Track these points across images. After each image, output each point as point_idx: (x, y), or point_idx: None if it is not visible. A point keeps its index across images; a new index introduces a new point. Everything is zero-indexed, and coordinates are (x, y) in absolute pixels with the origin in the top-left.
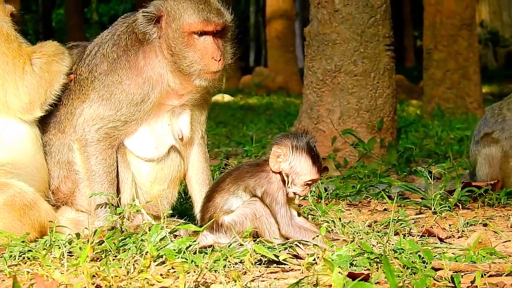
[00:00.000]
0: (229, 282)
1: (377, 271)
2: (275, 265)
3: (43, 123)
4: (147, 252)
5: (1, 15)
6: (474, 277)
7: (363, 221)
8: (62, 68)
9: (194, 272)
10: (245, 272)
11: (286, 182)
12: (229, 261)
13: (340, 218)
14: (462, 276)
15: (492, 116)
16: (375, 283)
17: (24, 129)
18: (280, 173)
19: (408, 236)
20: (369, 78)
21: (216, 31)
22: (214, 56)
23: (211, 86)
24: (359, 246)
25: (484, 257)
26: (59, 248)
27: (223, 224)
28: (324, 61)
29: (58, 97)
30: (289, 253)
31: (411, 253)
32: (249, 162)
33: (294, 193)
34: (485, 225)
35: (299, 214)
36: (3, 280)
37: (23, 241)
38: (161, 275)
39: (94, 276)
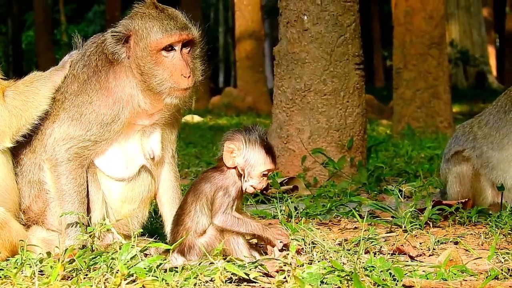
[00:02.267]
0: None
1: None
2: (245, 283)
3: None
4: (118, 270)
5: None
6: None
7: (333, 240)
8: (43, 93)
9: None
10: None
11: (242, 176)
12: (199, 279)
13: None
14: None
15: (463, 134)
16: None
17: None
18: (235, 168)
19: (378, 254)
20: (339, 97)
21: (183, 46)
22: (183, 73)
23: (181, 104)
24: (329, 264)
25: (455, 274)
26: (30, 267)
27: (194, 246)
28: (294, 80)
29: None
30: (260, 271)
31: (381, 271)
32: (203, 171)
33: (252, 187)
34: (456, 243)
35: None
36: None
37: None
38: None
39: None
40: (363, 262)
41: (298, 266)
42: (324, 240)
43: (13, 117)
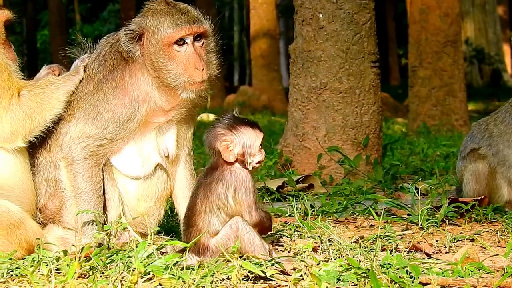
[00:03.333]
0: None
1: (365, 286)
2: (262, 281)
3: (30, 142)
4: (135, 268)
5: None
6: None
7: (349, 237)
8: (57, 97)
9: None
10: None
11: (246, 160)
12: (216, 277)
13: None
14: None
15: (479, 132)
16: None
17: (11, 153)
18: (237, 160)
19: (395, 252)
20: (355, 95)
21: (195, 39)
22: (197, 66)
23: (198, 99)
24: (346, 261)
25: (471, 271)
26: (47, 265)
27: (209, 246)
28: (309, 79)
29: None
30: (276, 269)
31: (398, 268)
32: (203, 175)
33: (257, 163)
34: (472, 240)
35: None
36: None
37: (10, 259)
38: None
39: None
40: (379, 260)
41: (314, 263)
42: (340, 237)
43: (27, 117)
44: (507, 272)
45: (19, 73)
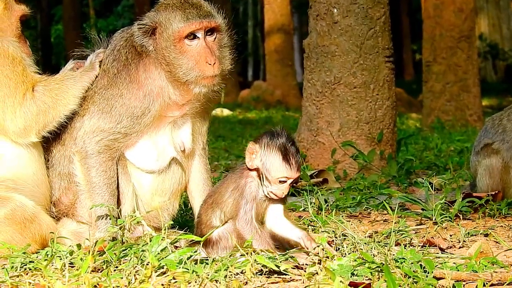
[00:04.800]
0: None
1: (379, 280)
2: (276, 275)
3: (44, 136)
4: (148, 262)
5: (8, 35)
6: (476, 286)
7: (363, 232)
8: (72, 93)
9: (195, 282)
10: (246, 283)
11: (261, 179)
12: (230, 272)
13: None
14: (464, 285)
15: (493, 127)
16: None
17: (26, 148)
18: (256, 170)
19: (409, 247)
20: (369, 90)
21: (207, 33)
22: (208, 60)
23: (210, 93)
24: (360, 256)
25: (485, 266)
26: (61, 259)
27: (211, 239)
28: (323, 73)
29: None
30: (290, 263)
31: (412, 263)
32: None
33: (272, 193)
34: (486, 235)
35: (285, 214)
36: None
37: (24, 253)
38: (162, 285)
39: (95, 286)
40: (393, 254)
41: (328, 258)
42: (354, 232)
43: (41, 112)
44: None
45: (34, 67)
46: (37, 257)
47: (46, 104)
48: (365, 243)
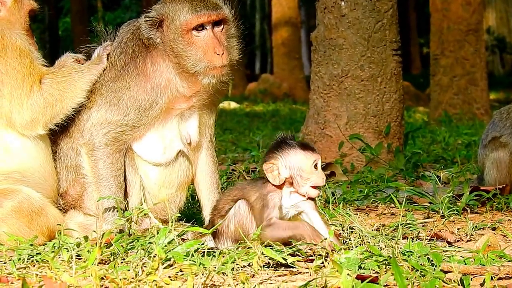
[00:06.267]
0: (237, 284)
1: (386, 273)
2: (283, 268)
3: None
4: (155, 254)
5: (17, 27)
6: (484, 280)
7: (371, 225)
8: (80, 86)
9: (202, 274)
10: (253, 275)
11: (297, 184)
12: (237, 264)
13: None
14: (471, 278)
15: (500, 120)
16: (384, 286)
17: (33, 140)
18: (285, 182)
19: (416, 240)
20: (376, 83)
21: (214, 25)
22: (216, 50)
23: (219, 84)
24: (367, 249)
25: (493, 260)
26: (68, 251)
27: (218, 228)
28: (331, 66)
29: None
30: (297, 256)
31: (419, 256)
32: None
33: (312, 187)
34: (493, 229)
35: (316, 208)
36: (12, 283)
37: (31, 244)
38: (169, 277)
39: (102, 278)
40: (401, 248)
41: (336, 251)
42: (361, 225)
43: (48, 105)
44: None
45: (42, 60)
46: (44, 249)
47: (53, 97)
48: (373, 236)
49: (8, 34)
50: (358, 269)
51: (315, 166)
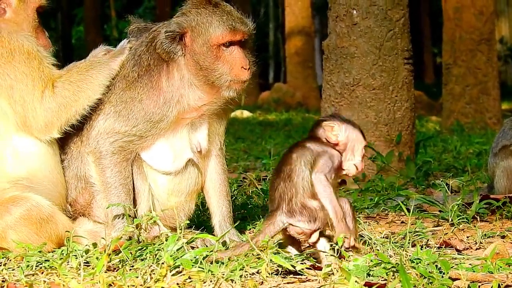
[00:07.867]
0: None
1: (394, 280)
2: (292, 275)
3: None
4: (164, 262)
5: (24, 28)
6: (491, 287)
7: (380, 233)
8: (98, 81)
9: (211, 281)
10: (262, 282)
11: (345, 154)
12: (245, 271)
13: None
14: (479, 286)
15: (511, 129)
16: None
17: (42, 146)
18: (337, 145)
19: (425, 247)
20: (388, 92)
21: (242, 40)
22: (244, 65)
23: (238, 97)
24: (376, 256)
25: (501, 267)
26: (76, 258)
27: (306, 206)
28: (342, 75)
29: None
30: (306, 263)
31: (428, 263)
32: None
33: (355, 165)
34: (503, 237)
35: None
36: None
37: (40, 251)
38: (177, 284)
39: (110, 285)
40: (409, 255)
41: (344, 258)
42: (371, 233)
43: (62, 107)
44: None
45: (53, 59)
46: (52, 256)
47: (67, 98)
48: (381, 244)
49: (15, 37)
50: (367, 277)
51: (364, 154)
